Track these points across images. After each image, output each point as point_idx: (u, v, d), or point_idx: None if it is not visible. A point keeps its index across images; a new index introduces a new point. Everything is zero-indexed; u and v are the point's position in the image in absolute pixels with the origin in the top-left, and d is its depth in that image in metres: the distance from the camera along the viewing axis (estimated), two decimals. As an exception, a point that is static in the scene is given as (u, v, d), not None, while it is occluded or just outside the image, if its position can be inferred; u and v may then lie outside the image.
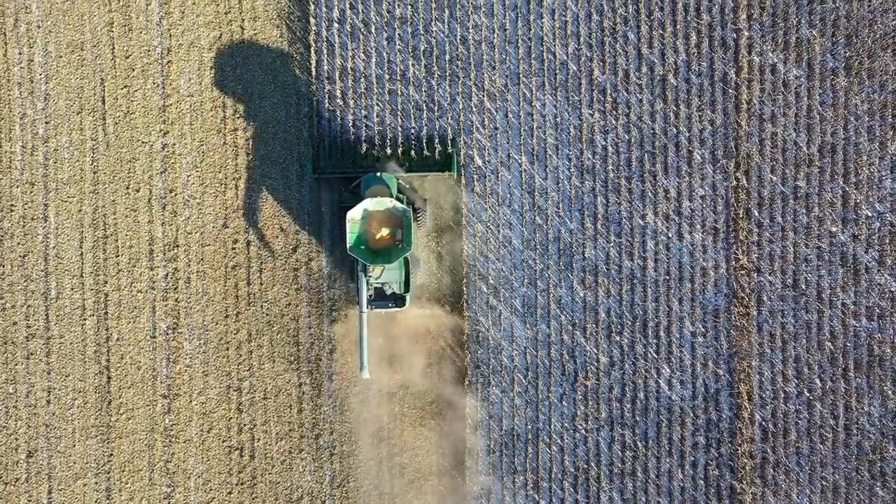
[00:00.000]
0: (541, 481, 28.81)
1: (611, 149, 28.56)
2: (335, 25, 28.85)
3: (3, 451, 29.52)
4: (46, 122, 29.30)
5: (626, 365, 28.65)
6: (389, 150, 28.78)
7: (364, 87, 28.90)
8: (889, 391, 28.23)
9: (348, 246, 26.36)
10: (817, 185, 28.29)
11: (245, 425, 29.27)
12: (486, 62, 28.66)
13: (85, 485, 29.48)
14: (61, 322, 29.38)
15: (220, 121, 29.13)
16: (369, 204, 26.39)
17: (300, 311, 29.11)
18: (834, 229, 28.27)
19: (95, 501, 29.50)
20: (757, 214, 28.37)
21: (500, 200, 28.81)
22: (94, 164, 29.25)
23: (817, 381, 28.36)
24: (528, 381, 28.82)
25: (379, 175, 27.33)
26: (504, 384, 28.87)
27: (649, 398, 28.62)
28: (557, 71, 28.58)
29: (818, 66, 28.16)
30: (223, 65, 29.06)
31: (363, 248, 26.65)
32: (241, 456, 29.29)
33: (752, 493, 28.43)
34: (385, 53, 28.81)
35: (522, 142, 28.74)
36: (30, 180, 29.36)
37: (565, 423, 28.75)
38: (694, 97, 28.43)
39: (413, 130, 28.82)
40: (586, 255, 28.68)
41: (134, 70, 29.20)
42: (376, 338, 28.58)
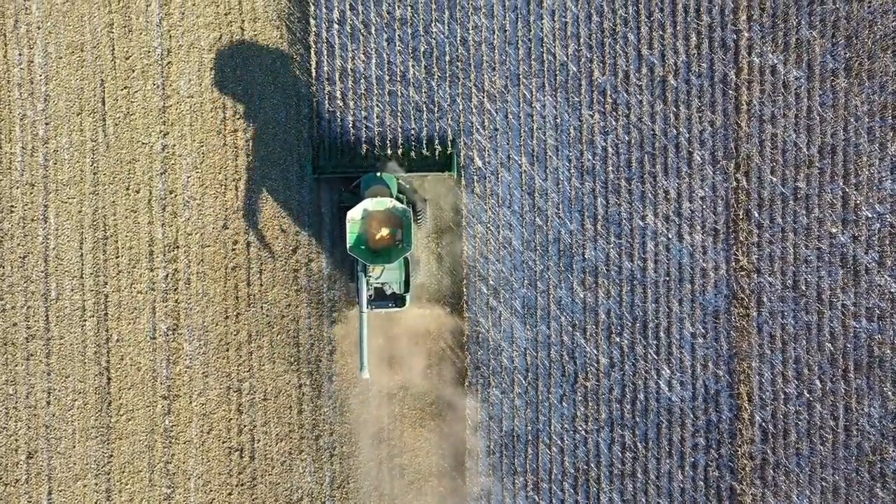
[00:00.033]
0: (541, 482, 28.80)
1: (611, 150, 28.56)
2: (335, 26, 28.84)
3: (3, 452, 29.51)
4: (46, 124, 29.29)
5: (626, 366, 28.65)
6: (389, 151, 28.78)
7: (364, 88, 28.89)
8: (889, 392, 28.22)
9: (348, 246, 26.35)
10: (817, 186, 28.29)
11: (245, 426, 29.27)
12: (486, 63, 28.65)
13: (85, 486, 29.47)
14: (61, 323, 29.38)
15: (220, 122, 29.12)
16: (369, 204, 26.37)
17: (300, 312, 29.11)
18: (834, 230, 28.27)
19: (95, 502, 29.48)
20: (757, 215, 28.37)
21: (500, 201, 28.80)
22: (94, 165, 29.24)
23: (817, 382, 28.35)
24: (528, 382, 28.81)
25: (379, 175, 27.32)
26: (504, 385, 28.86)
27: (649, 399, 28.61)
28: (557, 72, 28.57)
29: (818, 67, 28.16)
30: (223, 66, 29.05)
31: (363, 248, 26.64)
32: (241, 457, 29.28)
33: (752, 494, 28.43)
34: (385, 54, 28.80)
35: (522, 143, 28.73)
36: (30, 181, 29.35)
37: (565, 424, 28.75)
38: (694, 98, 28.42)
39: (413, 131, 28.81)
40: (586, 256, 28.67)
41: (134, 71, 29.19)
42: (376, 338, 28.58)
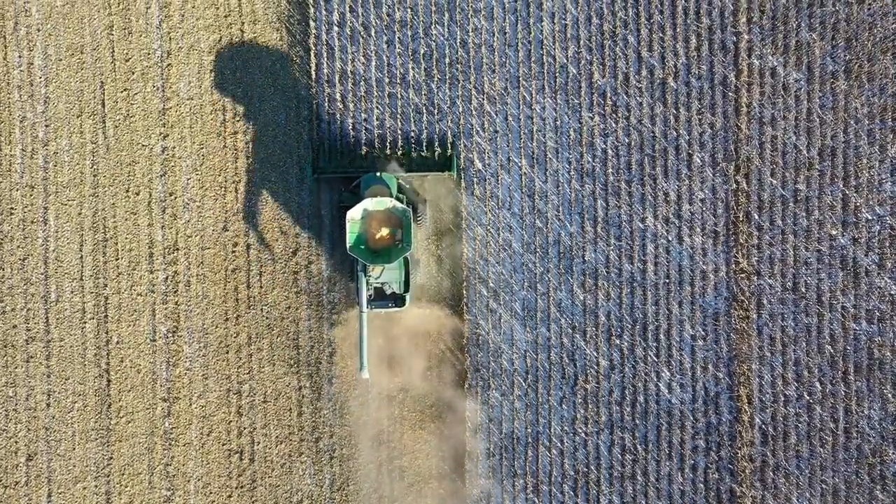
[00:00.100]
0: (541, 484, 28.79)
1: (611, 152, 28.55)
2: (335, 29, 28.83)
3: (3, 455, 29.50)
4: (46, 126, 29.29)
5: (626, 368, 28.64)
6: (389, 152, 28.77)
7: (364, 90, 28.89)
8: (889, 394, 28.21)
9: (348, 246, 26.35)
10: (817, 189, 28.28)
11: (245, 429, 29.26)
12: (485, 65, 28.65)
13: (84, 488, 29.46)
14: (61, 325, 29.37)
15: (220, 124, 29.12)
16: (369, 204, 26.38)
17: (300, 314, 29.10)
18: (834, 232, 28.26)
19: (95, 505, 29.55)
20: (757, 218, 28.36)
21: (500, 203, 28.79)
22: (94, 167, 29.24)
23: (817, 384, 28.35)
24: (527, 385, 28.81)
25: (379, 175, 27.31)
26: (504, 387, 28.85)
27: (649, 401, 28.60)
28: (557, 74, 28.57)
29: (818, 69, 28.15)
30: (223, 68, 29.04)
31: (363, 247, 26.64)
32: (241, 459, 29.27)
33: (752, 496, 28.41)
34: (385, 57, 28.80)
35: (522, 145, 28.73)
36: (29, 183, 29.34)
37: (565, 427, 28.74)
38: (694, 100, 28.42)
39: (413, 133, 28.80)
40: (586, 258, 28.66)
41: (134, 73, 29.19)
42: (376, 338, 28.57)
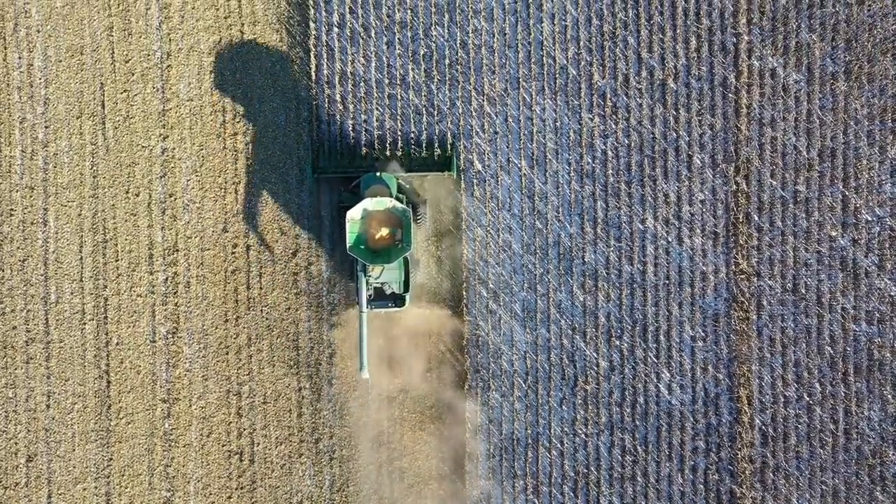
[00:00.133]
0: (540, 486, 28.79)
1: (610, 153, 28.55)
2: (335, 30, 28.83)
3: (3, 456, 29.50)
4: (46, 127, 29.28)
5: (626, 369, 28.64)
6: (389, 154, 28.77)
7: (364, 91, 28.89)
8: (889, 396, 28.21)
9: (348, 246, 26.35)
10: (817, 190, 28.28)
11: (245, 429, 29.25)
12: (485, 66, 28.64)
13: (84, 489, 29.45)
14: (61, 326, 29.36)
15: (220, 125, 29.11)
16: (369, 204, 26.39)
17: (300, 315, 29.10)
18: (834, 233, 28.26)
19: (95, 506, 29.56)
20: (757, 219, 28.36)
21: (500, 205, 28.79)
22: (94, 168, 29.23)
23: (817, 385, 28.35)
24: (527, 386, 28.80)
25: (378, 175, 27.31)
26: (504, 388, 28.85)
27: (649, 402, 28.60)
28: (557, 75, 28.56)
29: (818, 70, 28.15)
30: (223, 69, 29.04)
31: (363, 247, 26.65)
32: (241, 460, 29.27)
33: (751, 497, 28.42)
34: (385, 58, 28.80)
35: (522, 146, 28.72)
36: (29, 184, 29.34)
37: (565, 428, 28.74)
38: (694, 101, 28.42)
39: (413, 134, 28.79)
40: (586, 259, 28.66)
41: (133, 74, 29.18)
42: (376, 339, 28.58)
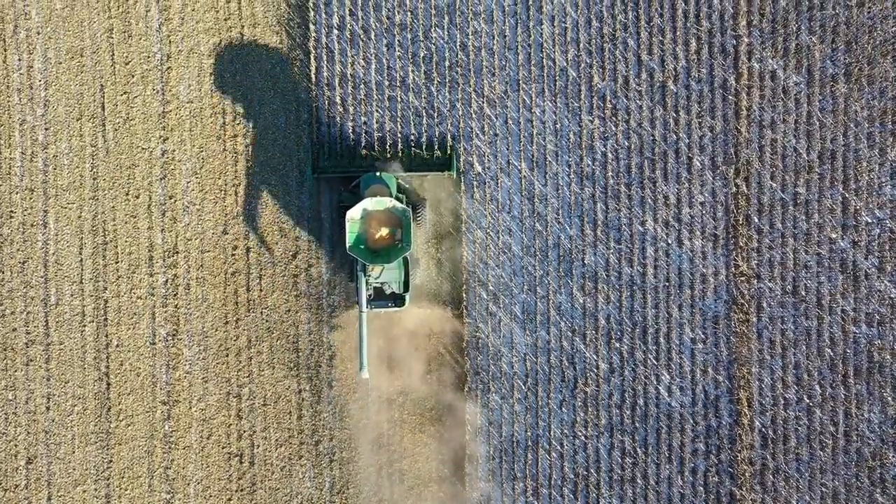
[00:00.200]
0: (540, 488, 28.79)
1: (610, 155, 28.55)
2: (335, 32, 28.83)
3: (3, 458, 29.50)
4: (46, 129, 29.28)
5: (626, 371, 28.63)
6: (389, 156, 28.77)
7: (364, 93, 28.88)
8: (889, 397, 28.21)
9: (348, 245, 26.37)
10: (817, 192, 28.28)
11: (245, 432, 29.25)
12: (485, 68, 28.64)
13: (84, 491, 29.45)
14: (61, 328, 29.36)
15: (220, 127, 29.11)
16: (369, 203, 26.41)
17: (300, 317, 29.10)
18: (834, 236, 28.26)
19: (95, 508, 29.55)
20: (757, 221, 28.36)
21: (500, 207, 28.79)
22: (94, 170, 29.23)
23: (817, 387, 28.34)
24: (527, 388, 28.80)
25: (378, 175, 27.32)
26: (504, 390, 28.85)
27: (649, 404, 28.60)
28: (557, 77, 28.56)
29: (818, 72, 28.14)
30: (223, 71, 29.04)
31: (363, 247, 26.67)
32: (241, 462, 29.27)
33: (751, 499, 28.41)
34: (385, 60, 28.79)
35: (522, 148, 28.72)
36: (29, 186, 29.34)
37: (565, 430, 28.73)
38: (694, 103, 28.41)
39: (413, 136, 28.79)
40: (586, 261, 28.66)
41: (133, 76, 29.18)
42: (376, 339, 28.58)
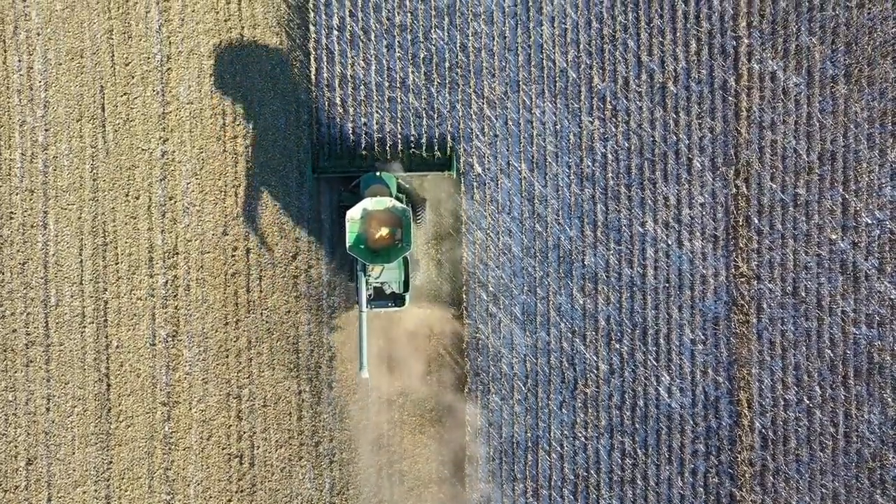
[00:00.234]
0: (540, 489, 28.79)
1: (610, 156, 28.55)
2: (335, 33, 28.83)
3: (3, 459, 29.50)
4: (46, 130, 29.28)
5: (626, 372, 28.63)
6: (389, 157, 28.77)
7: (364, 94, 28.88)
8: (889, 399, 28.21)
9: (348, 245, 26.37)
10: (817, 193, 28.28)
11: (245, 433, 29.25)
12: (485, 69, 28.64)
13: (84, 492, 29.45)
14: (61, 329, 29.36)
15: (220, 128, 29.11)
16: (369, 203, 26.41)
17: (300, 318, 29.10)
18: (834, 237, 28.25)
19: (95, 509, 29.55)
20: (757, 222, 28.36)
21: (500, 208, 28.79)
22: (94, 171, 29.23)
23: (817, 388, 28.34)
24: (527, 389, 28.80)
25: (378, 174, 27.32)
26: (504, 392, 28.85)
27: (649, 406, 28.60)
28: (557, 78, 28.56)
29: (818, 73, 28.14)
30: (223, 72, 29.04)
31: (362, 247, 26.67)
32: (241, 463, 29.27)
33: (751, 500, 28.41)
34: (385, 61, 28.79)
35: (522, 149, 28.72)
36: (29, 188, 29.34)
37: (565, 431, 28.73)
38: (694, 105, 28.41)
39: (413, 138, 28.79)
40: (586, 262, 28.66)
41: (133, 77, 29.18)
42: (376, 339, 28.58)
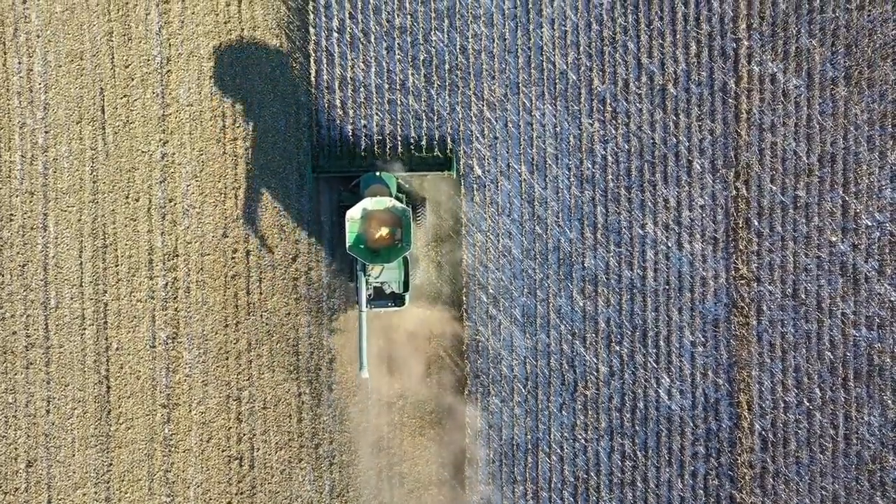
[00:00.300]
0: (540, 491, 28.78)
1: (610, 158, 28.54)
2: (335, 35, 28.82)
3: (3, 461, 29.49)
4: (46, 132, 29.27)
5: (626, 374, 28.63)
6: (389, 158, 28.77)
7: (363, 96, 28.88)
8: (889, 401, 28.21)
9: (348, 245, 26.37)
10: (817, 195, 28.28)
11: (245, 435, 29.25)
12: (485, 71, 28.64)
13: (84, 494, 29.45)
14: (61, 332, 29.35)
15: (220, 130, 29.11)
16: (369, 203, 26.41)
17: (300, 320, 29.09)
18: (834, 239, 28.26)
19: (95, 511, 29.55)
20: (757, 224, 28.36)
21: (500, 210, 28.78)
22: (94, 173, 29.22)
23: (817, 390, 28.34)
24: (527, 391, 28.80)
25: (378, 174, 27.32)
26: (504, 394, 28.85)
27: (649, 408, 28.60)
28: (557, 80, 28.56)
29: (818, 75, 28.14)
30: (223, 74, 29.03)
31: (362, 247, 26.67)
32: (241, 465, 29.27)
33: (751, 502, 28.41)
34: (385, 63, 28.78)
35: (522, 151, 28.72)
36: (29, 190, 29.33)
37: (565, 433, 28.73)
38: (694, 107, 28.41)
39: (413, 140, 28.79)
40: (586, 264, 28.65)
41: (133, 79, 29.17)
42: (376, 340, 28.58)
